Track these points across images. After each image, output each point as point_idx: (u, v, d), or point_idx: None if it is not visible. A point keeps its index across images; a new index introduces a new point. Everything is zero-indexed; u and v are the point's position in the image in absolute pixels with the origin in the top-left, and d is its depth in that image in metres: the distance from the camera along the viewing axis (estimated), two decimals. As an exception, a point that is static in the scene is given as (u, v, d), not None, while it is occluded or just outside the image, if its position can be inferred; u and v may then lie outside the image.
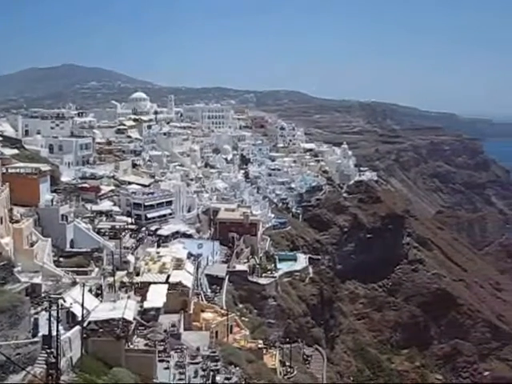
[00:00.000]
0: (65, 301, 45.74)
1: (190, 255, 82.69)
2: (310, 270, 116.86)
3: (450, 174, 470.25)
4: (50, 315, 39.49)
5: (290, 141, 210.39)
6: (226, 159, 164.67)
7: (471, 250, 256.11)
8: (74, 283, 54.69)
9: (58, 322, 39.75)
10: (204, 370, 50.54)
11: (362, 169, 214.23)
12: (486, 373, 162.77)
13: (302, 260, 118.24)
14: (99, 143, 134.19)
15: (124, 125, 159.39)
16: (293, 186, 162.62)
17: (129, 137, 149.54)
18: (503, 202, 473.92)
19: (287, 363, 76.35)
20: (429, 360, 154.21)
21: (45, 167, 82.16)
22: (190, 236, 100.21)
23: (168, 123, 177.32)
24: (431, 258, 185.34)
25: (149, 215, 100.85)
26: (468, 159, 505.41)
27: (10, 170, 72.52)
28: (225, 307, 74.70)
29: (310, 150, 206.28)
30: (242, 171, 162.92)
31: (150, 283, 63.37)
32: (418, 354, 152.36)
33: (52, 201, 74.76)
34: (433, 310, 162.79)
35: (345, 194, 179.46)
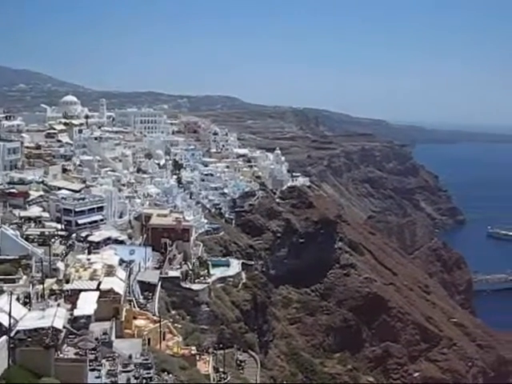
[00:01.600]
0: (-9, 310, 44.47)
1: (121, 262, 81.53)
2: (243, 275, 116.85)
3: (380, 180, 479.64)
4: (-26, 325, 38.34)
5: (223, 146, 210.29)
6: (158, 164, 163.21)
7: (401, 254, 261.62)
8: (1, 291, 53.27)
9: (-17, 332, 38.62)
10: (136, 378, 49.77)
11: (294, 174, 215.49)
12: (416, 374, 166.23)
13: (235, 265, 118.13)
14: (28, 147, 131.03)
15: (54, 129, 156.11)
16: (226, 191, 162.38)
17: (59, 141, 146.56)
18: (432, 207, 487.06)
19: (221, 369, 76.08)
20: (361, 363, 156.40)
21: (-30, 172, 79.99)
22: (121, 242, 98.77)
23: (99, 128, 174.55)
24: (363, 263, 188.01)
25: (79, 221, 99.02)
26: (398, 165, 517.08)
27: None
28: (157, 314, 73.92)
29: (243, 155, 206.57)
30: (175, 176, 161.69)
31: (80, 290, 62.12)
32: (350, 357, 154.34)
33: (-22, 207, 72.76)
34: (364, 314, 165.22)
35: (278, 200, 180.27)
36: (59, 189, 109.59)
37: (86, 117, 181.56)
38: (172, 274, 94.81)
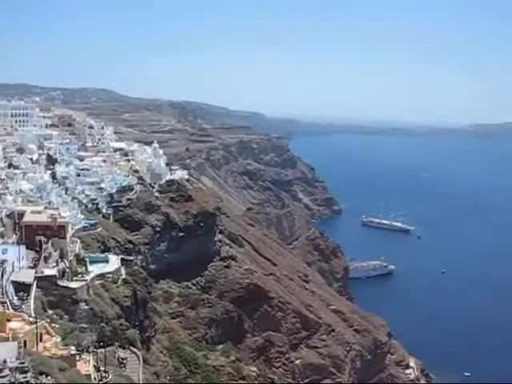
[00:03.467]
0: None
1: (-7, 262, 77.97)
2: (123, 271, 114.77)
3: (259, 172, 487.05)
4: None
5: (99, 140, 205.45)
6: (31, 159, 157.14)
7: (281, 245, 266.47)
8: None
9: None
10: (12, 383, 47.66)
11: (173, 168, 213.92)
12: (297, 361, 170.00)
13: (114, 261, 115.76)
14: None
15: None
16: (103, 186, 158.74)
17: None
18: (309, 197, 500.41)
19: (102, 368, 74.32)
20: (243, 353, 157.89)
21: None
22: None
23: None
24: (243, 254, 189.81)
25: None
26: (275, 157, 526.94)
27: None
28: (33, 315, 71.16)
29: (120, 149, 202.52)
30: (49, 172, 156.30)
31: None
32: (232, 349, 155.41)
33: None
34: (246, 305, 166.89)
35: (156, 194, 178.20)
36: None
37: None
38: (48, 272, 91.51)
